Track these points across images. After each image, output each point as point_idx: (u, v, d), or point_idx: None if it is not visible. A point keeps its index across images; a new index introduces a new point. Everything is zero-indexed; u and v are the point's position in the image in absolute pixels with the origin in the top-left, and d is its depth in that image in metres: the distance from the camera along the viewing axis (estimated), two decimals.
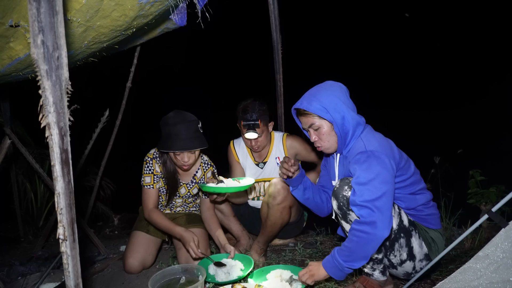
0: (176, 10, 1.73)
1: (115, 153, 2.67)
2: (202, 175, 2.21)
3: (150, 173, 2.08)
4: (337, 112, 1.52)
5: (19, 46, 1.30)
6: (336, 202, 1.55)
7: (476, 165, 2.53)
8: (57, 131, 0.88)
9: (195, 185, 2.22)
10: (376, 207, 1.35)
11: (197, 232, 2.13)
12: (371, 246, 1.37)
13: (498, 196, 2.34)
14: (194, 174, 2.20)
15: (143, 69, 2.81)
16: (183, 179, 2.20)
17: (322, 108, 1.53)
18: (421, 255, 1.56)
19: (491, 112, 6.41)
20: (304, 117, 1.61)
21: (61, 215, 0.90)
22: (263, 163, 2.39)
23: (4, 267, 2.28)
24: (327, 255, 1.49)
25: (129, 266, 2.09)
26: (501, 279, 1.02)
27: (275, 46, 2.48)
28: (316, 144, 1.64)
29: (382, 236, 1.35)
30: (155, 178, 2.09)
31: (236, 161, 2.41)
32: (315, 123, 1.57)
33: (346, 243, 1.42)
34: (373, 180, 1.38)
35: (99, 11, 1.25)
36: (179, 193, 2.21)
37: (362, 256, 1.39)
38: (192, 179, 2.21)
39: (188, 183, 2.20)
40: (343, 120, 1.53)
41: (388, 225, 1.36)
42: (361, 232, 1.36)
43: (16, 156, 2.83)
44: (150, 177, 2.08)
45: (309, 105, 1.55)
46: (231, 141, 2.47)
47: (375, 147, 1.46)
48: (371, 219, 1.35)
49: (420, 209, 1.60)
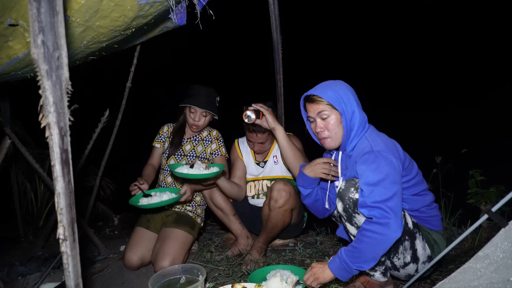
0: (175, 10, 1.72)
1: (115, 153, 2.67)
2: (208, 134, 2.43)
3: (157, 134, 2.46)
4: (349, 105, 1.52)
5: (17, 45, 1.29)
6: (341, 204, 1.52)
7: (476, 165, 2.53)
8: (57, 131, 0.87)
9: (200, 142, 2.42)
10: (389, 207, 1.33)
11: (179, 233, 2.14)
12: (382, 247, 1.34)
13: (498, 196, 2.34)
14: (199, 133, 2.44)
15: (143, 69, 2.81)
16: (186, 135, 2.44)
17: (337, 98, 1.52)
18: (424, 257, 1.54)
19: (491, 113, 6.41)
20: (315, 104, 1.57)
21: (61, 215, 0.90)
22: (264, 162, 2.43)
23: (4, 267, 2.28)
24: (333, 256, 1.46)
25: (128, 259, 2.12)
26: (501, 279, 1.02)
27: (275, 46, 2.48)
28: (321, 135, 1.59)
29: (395, 237, 1.33)
30: (158, 138, 2.44)
31: (240, 158, 2.46)
32: (326, 111, 1.55)
33: (355, 244, 1.38)
34: (383, 180, 1.37)
35: (98, 12, 1.25)
36: (183, 151, 2.40)
37: (372, 257, 1.36)
38: (196, 135, 2.43)
39: (193, 140, 2.42)
40: (353, 114, 1.53)
41: (400, 225, 1.34)
42: (373, 233, 1.33)
43: (16, 156, 2.82)
44: (156, 137, 2.46)
45: (324, 92, 1.54)
46: (235, 139, 2.55)
47: (382, 147, 1.45)
48: (384, 220, 1.32)
49: (423, 211, 1.59)
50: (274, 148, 2.41)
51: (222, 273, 2.02)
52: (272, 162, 2.41)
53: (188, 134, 2.44)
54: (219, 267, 2.11)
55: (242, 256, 2.22)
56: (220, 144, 2.42)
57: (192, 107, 2.25)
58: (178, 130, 2.40)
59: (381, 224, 1.32)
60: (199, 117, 2.26)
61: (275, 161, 2.40)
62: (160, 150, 2.43)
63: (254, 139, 2.28)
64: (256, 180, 2.45)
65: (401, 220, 1.35)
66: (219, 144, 2.41)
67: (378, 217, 1.33)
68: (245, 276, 1.95)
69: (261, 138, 2.27)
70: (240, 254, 2.27)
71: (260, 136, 2.26)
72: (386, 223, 1.32)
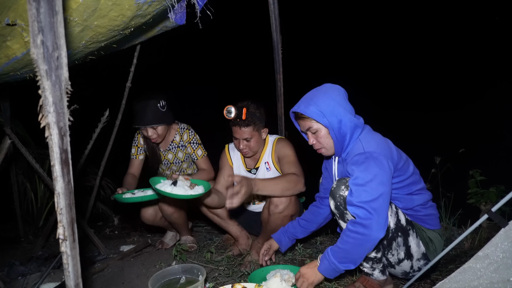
0: (174, 9, 1.72)
1: (115, 153, 2.67)
2: (181, 139, 2.45)
3: (135, 145, 2.47)
4: (334, 116, 1.52)
5: (16, 45, 1.29)
6: (333, 202, 1.56)
7: (476, 165, 2.53)
8: (57, 131, 0.88)
9: (178, 149, 2.47)
10: (373, 208, 1.36)
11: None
12: (366, 247, 1.39)
13: (498, 196, 2.34)
14: (173, 139, 2.46)
15: (143, 69, 2.81)
16: (163, 147, 2.48)
17: (319, 112, 1.53)
18: (419, 255, 1.57)
19: (491, 113, 6.41)
20: (301, 121, 1.62)
21: (61, 215, 0.90)
22: (255, 169, 2.29)
23: (4, 267, 2.28)
24: (320, 257, 1.50)
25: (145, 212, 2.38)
26: (501, 279, 1.02)
27: (275, 46, 2.48)
28: (315, 147, 1.66)
29: (377, 237, 1.37)
30: (139, 150, 2.46)
31: (229, 164, 2.33)
32: (313, 127, 1.58)
33: (341, 244, 1.43)
34: (371, 181, 1.39)
35: (96, 11, 1.25)
36: (168, 160, 2.48)
37: (358, 257, 1.41)
38: (170, 144, 2.46)
39: (170, 148, 2.47)
40: (340, 124, 1.53)
41: (383, 226, 1.37)
42: (356, 234, 1.38)
43: (16, 156, 2.82)
44: (134, 149, 2.46)
45: (306, 109, 1.55)
46: (226, 145, 2.41)
47: (374, 148, 1.47)
48: (366, 220, 1.36)
49: (418, 209, 1.60)
50: (265, 154, 2.27)
51: (222, 273, 2.02)
52: (264, 168, 2.28)
53: (162, 145, 2.47)
54: (219, 267, 2.11)
55: (242, 256, 2.22)
56: (194, 146, 2.43)
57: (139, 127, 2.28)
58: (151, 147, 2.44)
59: (363, 225, 1.36)
60: (151, 132, 2.28)
61: (267, 167, 2.27)
62: (139, 160, 2.47)
63: (239, 135, 2.10)
64: None
65: (385, 221, 1.38)
66: (193, 148, 2.43)
67: (361, 217, 1.37)
68: (245, 276, 1.95)
69: (246, 132, 2.08)
70: (241, 254, 2.27)
71: (244, 130, 2.08)
72: (368, 223, 1.35)
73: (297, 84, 2.74)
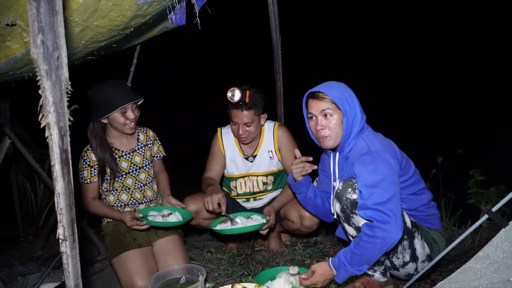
0: (174, 10, 1.73)
1: None
2: (147, 137, 2.14)
3: (87, 166, 1.97)
4: (353, 107, 1.53)
5: (15, 45, 1.29)
6: (339, 204, 1.52)
7: (476, 165, 2.53)
8: (57, 131, 0.88)
9: (146, 148, 2.12)
10: (389, 209, 1.34)
11: (175, 238, 2.03)
12: (384, 249, 1.36)
13: (498, 196, 2.34)
14: (137, 138, 2.12)
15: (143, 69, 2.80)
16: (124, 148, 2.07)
17: (342, 97, 1.52)
18: (424, 256, 1.55)
19: (491, 113, 6.41)
20: (318, 101, 1.54)
21: (61, 215, 0.90)
22: (253, 156, 2.21)
23: (4, 267, 2.29)
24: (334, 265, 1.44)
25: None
26: (501, 279, 1.02)
27: (275, 46, 2.48)
28: (320, 133, 1.55)
29: (396, 239, 1.34)
30: (92, 171, 1.97)
31: (221, 151, 2.21)
32: (329, 109, 1.52)
33: (358, 250, 1.37)
34: (382, 181, 1.37)
35: (97, 11, 1.25)
36: (135, 164, 2.07)
37: (374, 258, 1.39)
38: (136, 143, 2.10)
39: (137, 149, 2.09)
40: (355, 117, 1.53)
41: (401, 227, 1.35)
42: (375, 238, 1.33)
43: (16, 156, 2.82)
44: (87, 171, 1.97)
45: (329, 90, 1.53)
46: (218, 128, 2.25)
47: (379, 148, 1.45)
48: (385, 224, 1.33)
49: (422, 210, 1.59)
50: (264, 141, 2.20)
51: (222, 273, 2.02)
52: (266, 157, 2.21)
53: (124, 146, 2.06)
54: (219, 267, 2.11)
55: (242, 256, 2.22)
56: (159, 143, 2.21)
57: (124, 107, 1.88)
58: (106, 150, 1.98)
59: (382, 228, 1.33)
60: (133, 111, 1.93)
61: (271, 156, 2.21)
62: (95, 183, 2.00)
63: (239, 119, 2.01)
64: (246, 177, 2.24)
65: (401, 221, 1.36)
66: (158, 144, 2.20)
67: (378, 220, 1.34)
68: (245, 276, 1.95)
69: (247, 116, 2.00)
70: (241, 254, 2.27)
71: (246, 113, 1.99)
72: (387, 227, 1.32)
73: (297, 84, 2.73)
